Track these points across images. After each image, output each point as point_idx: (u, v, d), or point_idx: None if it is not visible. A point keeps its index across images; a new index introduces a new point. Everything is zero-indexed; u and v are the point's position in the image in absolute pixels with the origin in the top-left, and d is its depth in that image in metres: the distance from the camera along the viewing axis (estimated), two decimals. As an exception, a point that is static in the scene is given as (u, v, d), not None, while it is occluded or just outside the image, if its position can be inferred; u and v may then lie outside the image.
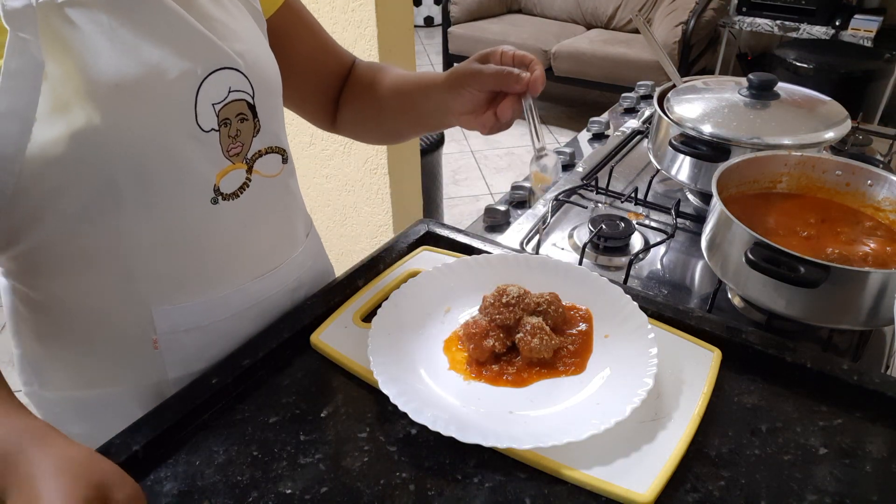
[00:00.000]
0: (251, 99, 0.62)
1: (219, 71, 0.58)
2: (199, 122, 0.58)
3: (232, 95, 0.60)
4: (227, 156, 0.61)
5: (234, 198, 0.63)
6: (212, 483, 0.54)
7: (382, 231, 1.84)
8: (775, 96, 0.96)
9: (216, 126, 0.59)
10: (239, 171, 0.62)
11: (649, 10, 3.58)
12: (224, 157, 0.61)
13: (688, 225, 0.96)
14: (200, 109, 0.58)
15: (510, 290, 0.64)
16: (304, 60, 0.78)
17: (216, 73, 0.58)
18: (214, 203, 0.61)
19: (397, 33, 1.58)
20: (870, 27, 3.02)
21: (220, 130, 0.60)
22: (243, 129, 0.62)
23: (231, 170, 0.62)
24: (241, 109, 0.61)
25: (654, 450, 0.54)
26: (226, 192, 0.62)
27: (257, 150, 0.64)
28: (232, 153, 0.61)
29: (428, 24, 5.29)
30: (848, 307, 0.66)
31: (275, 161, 0.67)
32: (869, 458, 0.55)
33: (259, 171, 0.65)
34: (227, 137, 0.61)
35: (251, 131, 0.63)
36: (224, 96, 0.59)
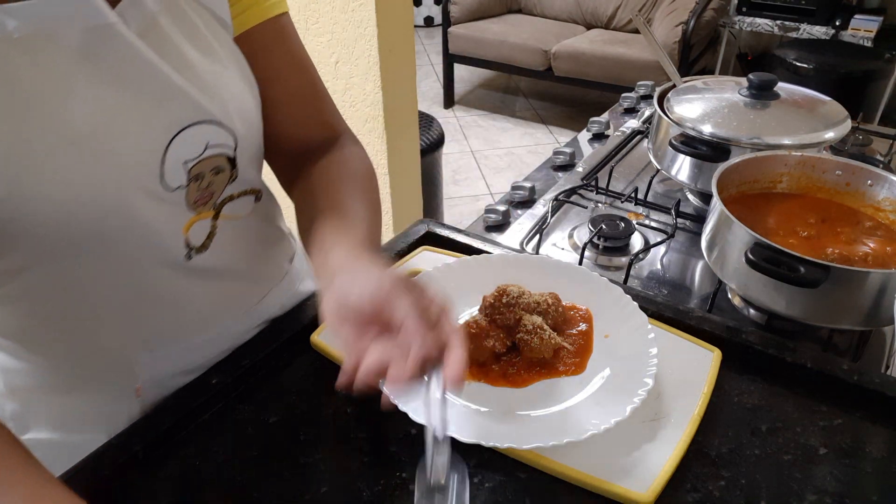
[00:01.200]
0: (232, 152, 0.57)
1: (194, 126, 0.53)
2: (165, 181, 0.53)
3: (209, 151, 0.55)
4: (192, 207, 0.56)
5: (204, 249, 0.59)
6: (212, 483, 0.54)
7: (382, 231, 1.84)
8: (775, 96, 0.96)
9: (184, 183, 0.54)
10: (203, 222, 0.58)
11: (649, 10, 3.58)
12: (188, 210, 0.56)
13: (688, 225, 0.96)
14: (168, 168, 0.52)
15: (510, 290, 0.64)
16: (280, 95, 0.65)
17: (191, 128, 0.53)
18: (189, 259, 0.58)
19: (397, 33, 1.58)
20: (870, 27, 3.02)
21: (188, 186, 0.55)
22: (217, 179, 0.57)
23: (195, 221, 0.57)
24: (217, 163, 0.56)
25: (655, 450, 0.54)
26: (195, 245, 0.58)
27: (228, 195, 0.60)
28: (198, 204, 0.57)
29: (428, 24, 5.29)
30: (848, 307, 0.66)
31: (246, 202, 0.63)
32: (869, 458, 0.55)
33: (227, 214, 0.60)
34: (196, 191, 0.56)
35: (225, 180, 0.59)
36: (199, 153, 0.54)
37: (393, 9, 1.54)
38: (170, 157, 0.52)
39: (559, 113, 3.88)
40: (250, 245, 0.66)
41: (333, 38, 1.57)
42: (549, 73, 3.59)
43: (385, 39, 1.55)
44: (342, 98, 1.62)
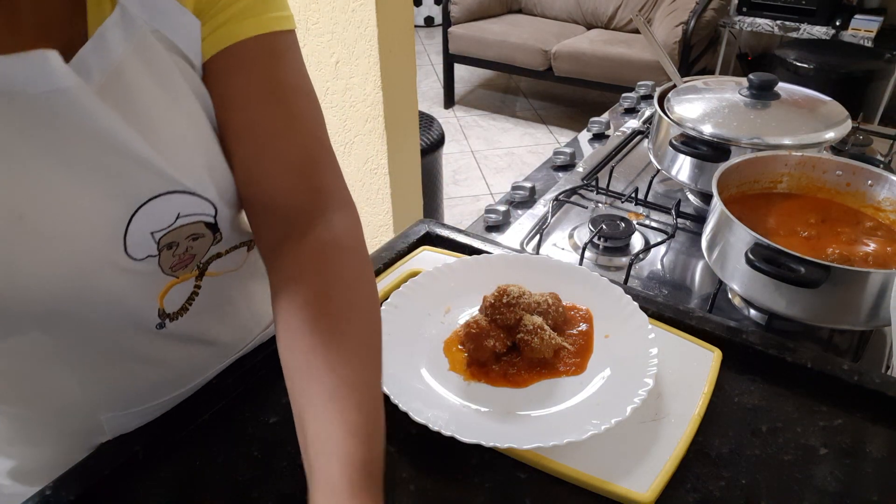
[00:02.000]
0: (212, 219, 0.52)
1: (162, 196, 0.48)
2: (130, 253, 0.48)
3: (182, 220, 0.50)
4: (170, 272, 0.52)
5: (183, 313, 0.55)
6: (212, 483, 0.54)
7: (382, 231, 1.84)
8: (775, 96, 0.96)
9: (154, 252, 0.50)
10: (184, 284, 0.54)
11: (649, 10, 3.58)
12: (165, 275, 0.52)
13: (688, 225, 0.96)
14: (132, 240, 0.48)
15: (510, 290, 0.64)
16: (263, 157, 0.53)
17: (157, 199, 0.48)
18: (161, 328, 0.54)
19: (397, 33, 1.58)
20: (870, 27, 3.02)
21: (160, 255, 0.50)
22: (197, 244, 0.52)
23: (174, 285, 0.53)
24: (195, 231, 0.51)
25: (655, 450, 0.54)
26: (171, 312, 0.54)
27: (216, 254, 0.55)
28: (177, 268, 0.52)
29: (428, 24, 5.29)
30: (848, 307, 0.66)
31: (237, 256, 0.58)
32: (869, 459, 0.55)
33: (214, 272, 0.56)
34: (172, 257, 0.51)
35: (208, 244, 0.54)
36: (169, 223, 0.49)
37: (393, 9, 1.54)
38: (133, 229, 0.47)
39: (559, 113, 3.88)
40: (238, 295, 0.61)
41: (333, 38, 1.57)
42: (549, 73, 3.59)
43: (385, 39, 1.55)
44: (342, 98, 1.62)
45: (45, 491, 0.51)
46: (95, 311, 0.49)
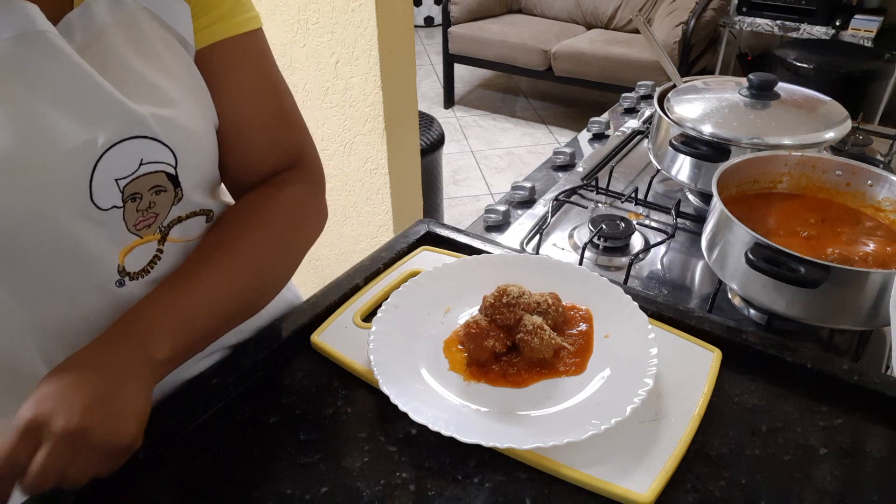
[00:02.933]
0: (172, 169, 0.53)
1: (127, 141, 0.49)
2: (95, 201, 0.49)
3: (144, 168, 0.51)
4: (134, 230, 0.53)
5: (144, 274, 0.55)
6: (212, 483, 0.54)
7: (382, 231, 1.84)
8: (775, 96, 0.96)
9: (119, 203, 0.50)
10: (148, 245, 0.55)
11: (649, 10, 3.58)
12: (129, 233, 0.53)
13: (688, 225, 0.96)
14: (97, 186, 0.49)
15: (510, 290, 0.64)
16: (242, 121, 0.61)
17: (123, 143, 0.49)
18: (121, 286, 0.54)
19: (397, 33, 1.58)
20: (870, 27, 3.02)
21: (124, 206, 0.51)
22: (159, 200, 0.53)
23: (137, 245, 0.53)
24: (157, 182, 0.52)
25: (655, 450, 0.54)
26: (132, 271, 0.54)
27: (176, 217, 0.56)
28: (140, 227, 0.53)
29: (428, 24, 5.29)
30: (848, 307, 0.66)
31: (196, 223, 0.59)
32: (869, 459, 0.55)
33: (175, 237, 0.57)
34: (136, 212, 0.52)
35: (170, 201, 0.55)
36: (133, 170, 0.50)
37: (393, 9, 1.54)
38: (99, 173, 0.48)
39: (559, 113, 3.88)
40: None
41: (333, 38, 1.57)
42: (549, 73, 3.59)
43: (385, 39, 1.54)
44: (342, 98, 1.62)
45: (45, 491, 0.51)
46: (55, 258, 0.49)
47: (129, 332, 0.50)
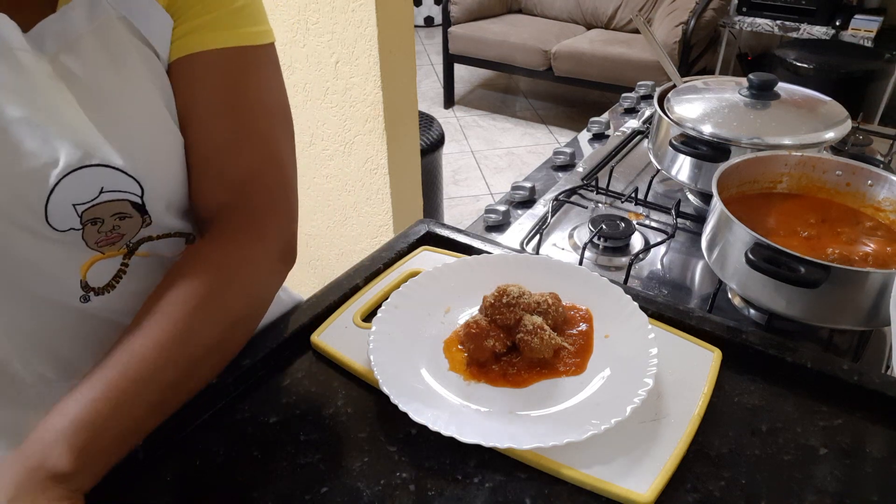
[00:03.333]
0: (138, 199, 0.51)
1: (87, 168, 0.47)
2: (51, 223, 0.48)
3: (105, 196, 0.49)
4: (95, 247, 0.51)
5: (109, 289, 0.53)
6: (212, 483, 0.54)
7: (382, 231, 1.84)
8: (775, 96, 0.96)
9: (77, 226, 0.49)
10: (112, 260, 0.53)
11: (649, 10, 3.59)
12: (90, 249, 0.51)
13: (688, 225, 0.96)
14: (53, 209, 0.47)
15: (510, 290, 0.64)
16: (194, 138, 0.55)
17: (82, 170, 0.47)
18: (85, 301, 0.52)
19: (397, 33, 1.58)
20: (870, 27, 3.02)
21: (83, 228, 0.49)
22: (124, 224, 0.51)
23: (98, 259, 0.52)
24: (120, 209, 0.50)
25: (655, 450, 0.54)
26: (96, 286, 0.52)
27: (147, 236, 0.54)
28: (103, 244, 0.52)
29: (428, 24, 5.29)
30: (848, 307, 0.66)
31: (173, 243, 0.57)
32: (869, 459, 0.55)
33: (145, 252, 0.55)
34: (97, 233, 0.50)
35: (137, 226, 0.53)
36: (92, 197, 0.48)
37: (393, 9, 1.54)
38: (56, 198, 0.47)
39: (559, 113, 3.88)
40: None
41: (333, 38, 1.57)
42: (549, 73, 3.59)
43: (385, 39, 1.54)
44: (342, 98, 1.63)
45: (45, 491, 0.51)
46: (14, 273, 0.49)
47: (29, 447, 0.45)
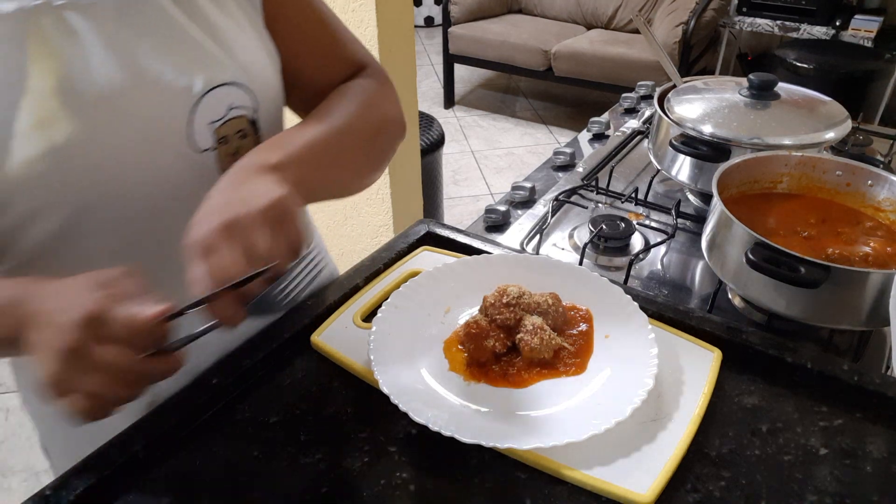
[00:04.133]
0: (253, 114, 0.59)
1: (218, 88, 0.55)
2: (193, 143, 0.54)
3: (232, 113, 0.56)
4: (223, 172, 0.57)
5: None
6: (212, 483, 0.54)
7: (382, 231, 1.84)
8: (775, 96, 0.96)
9: (213, 145, 0.56)
10: None
11: (649, 11, 3.58)
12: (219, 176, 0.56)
13: (688, 225, 0.96)
14: (196, 129, 0.54)
15: (510, 290, 0.64)
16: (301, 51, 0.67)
17: (216, 89, 0.54)
18: None
19: (397, 33, 1.58)
20: (870, 27, 3.02)
21: (217, 149, 0.56)
22: (243, 145, 0.58)
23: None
24: (240, 126, 0.58)
25: (655, 450, 0.54)
26: None
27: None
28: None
29: (428, 24, 5.29)
30: (848, 307, 0.66)
31: None
32: (869, 459, 0.55)
33: None
34: (226, 156, 0.57)
35: (250, 147, 0.59)
36: (222, 114, 0.56)
37: (393, 9, 1.54)
38: (197, 118, 0.54)
39: (559, 113, 3.88)
40: None
41: (333, 38, 1.57)
42: (549, 73, 3.59)
43: (385, 39, 1.54)
44: (342, 98, 1.62)
45: (44, 491, 0.51)
46: (153, 195, 0.53)
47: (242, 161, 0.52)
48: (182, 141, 0.54)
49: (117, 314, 0.42)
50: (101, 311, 0.41)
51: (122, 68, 0.49)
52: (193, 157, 0.55)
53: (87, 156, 0.49)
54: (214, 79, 0.54)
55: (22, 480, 1.69)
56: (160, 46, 0.51)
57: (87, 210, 0.51)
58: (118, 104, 0.49)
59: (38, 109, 0.46)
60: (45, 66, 0.46)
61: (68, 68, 0.47)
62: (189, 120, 0.53)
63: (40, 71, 0.46)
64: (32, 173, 0.47)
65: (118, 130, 0.50)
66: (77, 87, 0.48)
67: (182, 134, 0.53)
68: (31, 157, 0.47)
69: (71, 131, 0.48)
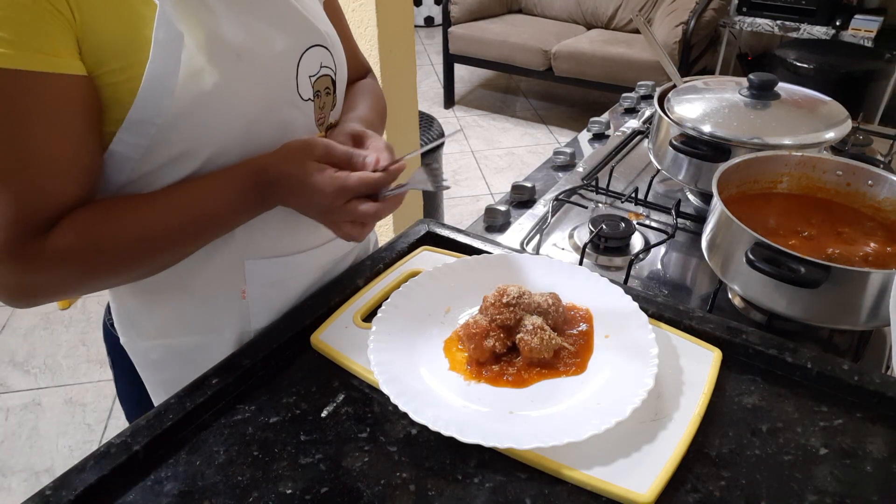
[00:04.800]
0: (334, 75, 0.69)
1: (313, 48, 0.65)
2: (300, 92, 0.65)
3: (322, 70, 0.67)
4: (317, 124, 0.68)
5: None
6: (212, 483, 0.54)
7: (382, 231, 1.84)
8: (776, 96, 0.96)
9: (312, 96, 0.66)
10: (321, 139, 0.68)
11: (650, 10, 3.58)
12: (315, 126, 0.68)
13: (688, 225, 0.96)
14: (300, 80, 0.64)
15: (510, 290, 0.64)
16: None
17: (311, 49, 0.65)
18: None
19: (397, 33, 1.58)
20: (870, 27, 3.02)
21: (314, 101, 0.67)
22: (327, 101, 0.69)
23: (320, 137, 0.66)
24: (327, 84, 0.68)
25: (655, 450, 0.54)
26: None
27: (330, 123, 0.71)
28: (319, 122, 0.69)
29: (428, 24, 5.29)
30: (848, 307, 0.66)
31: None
32: (869, 459, 0.55)
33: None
34: (318, 108, 0.68)
35: (331, 105, 0.70)
36: (317, 70, 0.66)
37: (393, 9, 1.54)
38: (301, 70, 0.64)
39: (559, 113, 3.88)
40: None
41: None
42: (549, 73, 3.59)
43: (385, 39, 1.55)
44: (342, 98, 1.62)
45: (45, 491, 0.51)
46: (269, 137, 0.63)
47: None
48: (293, 91, 0.64)
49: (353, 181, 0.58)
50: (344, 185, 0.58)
51: (243, 32, 0.58)
52: (300, 106, 0.65)
53: (228, 102, 0.58)
54: (310, 39, 0.65)
55: (22, 480, 1.69)
56: (266, 13, 0.61)
57: (222, 153, 0.60)
58: (246, 59, 0.59)
59: (189, 63, 0.55)
60: (191, 29, 0.55)
61: (207, 31, 0.56)
62: (295, 73, 0.64)
63: (188, 32, 0.54)
64: (188, 115, 0.56)
65: (248, 81, 0.59)
66: (215, 46, 0.56)
67: (292, 84, 0.64)
68: (183, 104, 0.55)
69: (214, 81, 0.56)
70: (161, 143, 0.57)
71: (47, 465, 1.74)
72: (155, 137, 0.56)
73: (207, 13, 0.56)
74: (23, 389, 1.97)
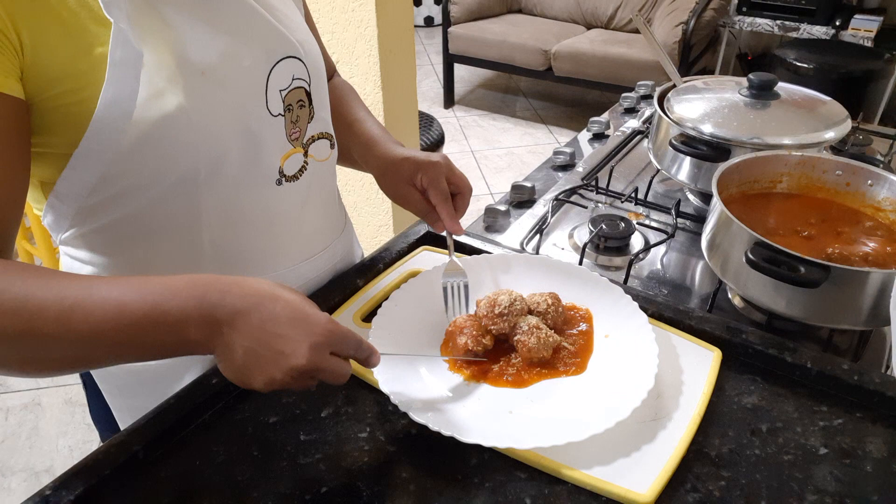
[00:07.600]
0: (308, 86, 0.67)
1: (284, 59, 0.63)
2: (269, 107, 0.62)
3: (294, 83, 0.64)
4: (289, 140, 0.65)
5: (294, 180, 0.67)
6: (212, 483, 0.54)
7: (382, 231, 1.84)
8: (775, 96, 0.96)
9: (282, 111, 0.64)
10: (298, 155, 0.67)
11: (649, 10, 3.58)
12: (287, 142, 0.65)
13: (688, 225, 0.96)
14: (270, 95, 0.62)
15: (500, 299, 0.64)
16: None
17: (283, 61, 0.62)
18: (279, 184, 0.65)
19: (397, 33, 1.58)
20: (870, 27, 3.02)
21: (285, 115, 0.64)
22: (301, 115, 0.67)
23: (292, 153, 0.66)
24: (300, 96, 0.66)
25: (655, 450, 0.54)
26: (288, 174, 0.66)
27: (311, 136, 0.69)
28: (292, 138, 0.66)
29: (428, 24, 5.29)
30: (848, 307, 0.66)
31: (325, 146, 0.71)
32: (869, 458, 0.55)
33: (313, 155, 0.69)
34: (290, 123, 0.65)
35: (307, 118, 0.68)
36: (288, 84, 0.64)
37: (393, 9, 1.54)
38: (271, 85, 0.62)
39: (559, 113, 3.88)
40: (326, 189, 0.74)
41: (333, 38, 1.57)
42: (549, 73, 3.59)
43: (385, 39, 1.55)
44: (342, 98, 1.62)
45: (44, 491, 0.51)
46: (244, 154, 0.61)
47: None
48: (261, 106, 0.61)
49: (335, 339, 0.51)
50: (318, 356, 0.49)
51: (208, 48, 0.56)
52: (270, 122, 0.62)
53: (192, 123, 0.55)
54: (281, 51, 0.62)
55: (22, 480, 1.69)
56: (234, 27, 0.58)
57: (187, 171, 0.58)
58: (211, 77, 0.56)
59: (149, 84, 0.53)
60: (152, 47, 0.53)
61: (169, 48, 0.54)
62: (265, 88, 0.61)
63: (148, 51, 0.52)
64: (145, 140, 0.54)
65: (214, 100, 0.57)
66: (178, 64, 0.54)
67: (261, 99, 0.61)
68: (146, 126, 0.53)
69: (178, 102, 0.54)
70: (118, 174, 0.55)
71: (47, 465, 1.74)
72: (111, 167, 0.54)
73: (168, 29, 0.54)
74: (23, 389, 1.97)
